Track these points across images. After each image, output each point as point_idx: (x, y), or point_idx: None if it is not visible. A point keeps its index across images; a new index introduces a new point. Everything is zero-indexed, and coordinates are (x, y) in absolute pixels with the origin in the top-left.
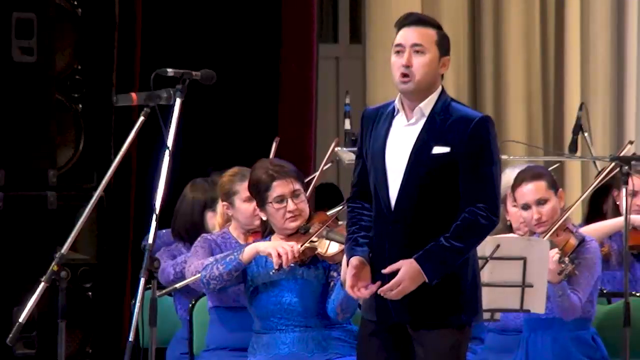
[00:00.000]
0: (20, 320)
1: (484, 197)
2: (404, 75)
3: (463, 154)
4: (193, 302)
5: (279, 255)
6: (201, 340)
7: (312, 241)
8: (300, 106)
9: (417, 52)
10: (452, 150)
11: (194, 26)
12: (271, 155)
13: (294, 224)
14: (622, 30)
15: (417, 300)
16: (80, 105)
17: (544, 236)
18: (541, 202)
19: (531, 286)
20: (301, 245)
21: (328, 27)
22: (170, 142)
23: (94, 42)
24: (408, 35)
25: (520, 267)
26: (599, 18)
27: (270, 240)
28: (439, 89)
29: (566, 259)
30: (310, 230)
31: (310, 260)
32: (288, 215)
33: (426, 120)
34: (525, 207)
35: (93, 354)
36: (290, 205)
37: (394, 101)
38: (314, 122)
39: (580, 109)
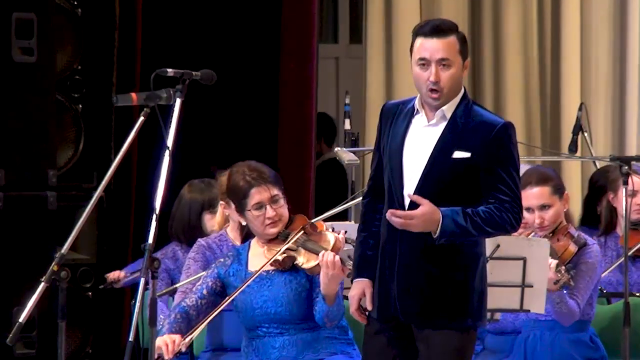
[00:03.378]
0: (20, 320)
1: (509, 199)
2: (433, 90)
3: (484, 160)
4: None
5: (160, 348)
6: (201, 340)
7: (290, 249)
8: (300, 106)
9: (444, 65)
10: (473, 155)
11: (194, 26)
12: None
13: (273, 230)
14: (623, 29)
15: (424, 303)
16: (80, 105)
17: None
18: (544, 207)
19: (531, 286)
20: (278, 253)
21: (328, 27)
22: (170, 142)
23: (94, 42)
24: (433, 50)
25: (520, 267)
26: (599, 17)
27: (249, 245)
28: (462, 92)
29: (562, 268)
30: (289, 237)
31: (292, 266)
32: (267, 221)
33: (447, 123)
34: (528, 209)
35: (93, 354)
36: (269, 211)
37: (414, 98)
38: (314, 122)
39: (580, 109)
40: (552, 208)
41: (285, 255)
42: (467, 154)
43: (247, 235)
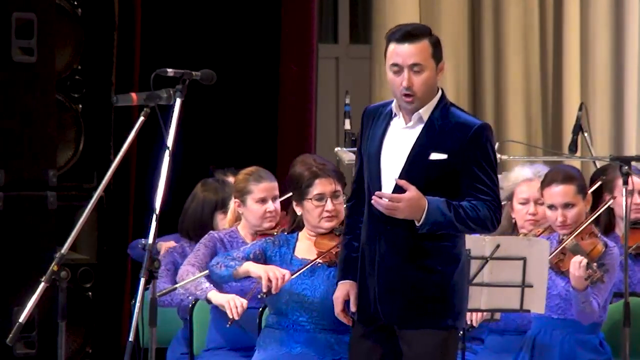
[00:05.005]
0: (20, 320)
1: (488, 198)
2: (407, 95)
3: (461, 161)
4: (193, 302)
5: (269, 280)
6: (201, 340)
7: None
8: (300, 106)
9: (416, 71)
10: (449, 157)
11: (194, 26)
12: None
13: (328, 224)
14: (622, 30)
15: (405, 304)
16: (80, 105)
17: (567, 238)
18: (568, 205)
19: (531, 286)
20: (336, 246)
21: (328, 27)
22: (170, 142)
23: (93, 42)
24: (404, 55)
25: (520, 267)
26: (599, 18)
27: (297, 236)
28: (439, 94)
29: (594, 265)
30: None
31: None
32: (325, 214)
33: (425, 125)
34: (551, 207)
35: (93, 354)
36: (329, 205)
37: (392, 101)
38: (314, 122)
39: (580, 109)
40: (575, 207)
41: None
42: (443, 156)
43: (294, 230)
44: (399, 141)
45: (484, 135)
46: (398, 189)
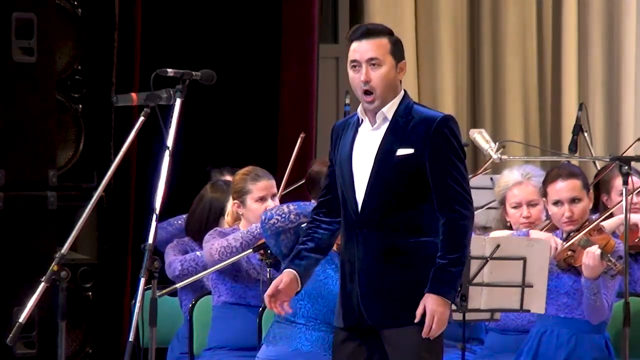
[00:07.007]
0: (20, 320)
1: (456, 194)
2: (366, 92)
3: (428, 154)
4: (193, 302)
5: None
6: (201, 340)
7: None
8: (300, 106)
9: (374, 65)
10: (416, 151)
11: (194, 26)
12: (295, 150)
13: None
14: (619, 31)
15: (387, 303)
16: (80, 105)
17: (576, 235)
18: (575, 200)
19: (531, 286)
20: None
21: (328, 27)
22: (170, 142)
23: (93, 42)
24: (362, 51)
25: (520, 267)
26: (596, 18)
27: None
28: (401, 93)
29: (611, 258)
30: None
31: None
32: None
33: (389, 124)
34: (557, 203)
35: (93, 354)
36: None
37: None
38: (314, 122)
39: (580, 109)
40: (582, 202)
41: None
42: (410, 150)
43: None
44: (367, 143)
45: (447, 126)
46: (369, 192)
